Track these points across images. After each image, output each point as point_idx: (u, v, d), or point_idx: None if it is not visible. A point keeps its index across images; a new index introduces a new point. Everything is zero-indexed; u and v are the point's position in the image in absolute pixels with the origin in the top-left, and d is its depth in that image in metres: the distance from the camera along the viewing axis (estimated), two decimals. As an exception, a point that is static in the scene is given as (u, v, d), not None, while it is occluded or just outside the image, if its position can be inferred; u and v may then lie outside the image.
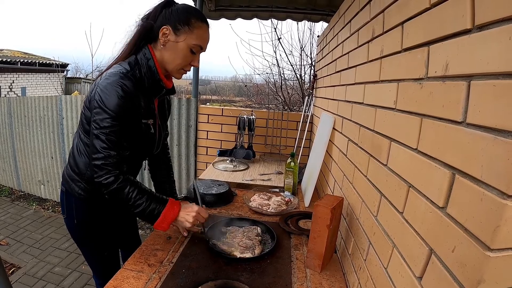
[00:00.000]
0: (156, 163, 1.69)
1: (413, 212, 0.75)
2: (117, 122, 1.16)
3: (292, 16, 3.41)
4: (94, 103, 1.16)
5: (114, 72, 1.19)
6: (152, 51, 1.27)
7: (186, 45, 1.25)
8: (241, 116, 2.99)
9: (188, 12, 1.26)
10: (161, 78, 1.30)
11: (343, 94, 1.63)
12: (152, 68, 1.27)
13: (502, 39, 0.49)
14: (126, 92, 1.17)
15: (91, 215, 1.44)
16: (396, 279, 0.80)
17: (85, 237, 1.48)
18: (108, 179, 1.18)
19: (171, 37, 1.24)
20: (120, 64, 1.24)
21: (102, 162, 1.17)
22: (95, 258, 1.55)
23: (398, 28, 0.91)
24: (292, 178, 2.07)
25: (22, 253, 3.30)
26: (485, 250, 0.49)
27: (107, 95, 1.14)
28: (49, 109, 4.33)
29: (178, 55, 1.27)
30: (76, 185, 1.37)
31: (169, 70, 1.32)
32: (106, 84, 1.16)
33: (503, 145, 0.47)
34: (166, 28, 1.23)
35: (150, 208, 1.25)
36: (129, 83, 1.18)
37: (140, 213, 1.25)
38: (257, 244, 1.40)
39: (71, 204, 1.41)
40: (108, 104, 1.14)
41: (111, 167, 1.18)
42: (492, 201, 0.49)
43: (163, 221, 1.28)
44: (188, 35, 1.24)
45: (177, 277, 1.19)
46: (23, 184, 5.05)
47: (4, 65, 10.98)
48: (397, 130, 0.89)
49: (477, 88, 0.55)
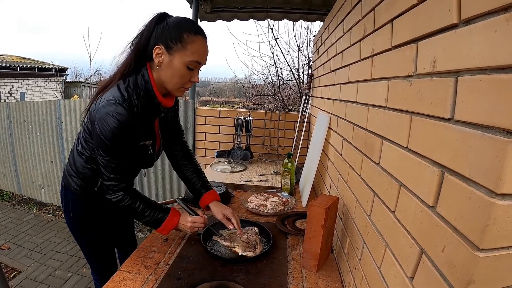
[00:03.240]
0: (178, 162, 1.68)
1: (404, 211, 0.74)
2: (115, 150, 1.22)
3: (288, 16, 3.40)
4: (95, 130, 1.19)
5: (112, 99, 1.17)
6: (150, 72, 1.23)
7: (181, 63, 1.18)
8: (238, 117, 2.98)
9: (179, 27, 1.18)
10: (160, 101, 1.28)
11: (338, 93, 1.63)
12: (151, 92, 1.24)
13: (487, 33, 0.48)
14: (121, 123, 1.16)
15: (85, 210, 1.50)
16: (389, 279, 0.79)
17: (80, 231, 1.54)
18: (118, 197, 1.28)
19: (165, 57, 1.18)
20: (119, 87, 1.21)
21: (109, 183, 1.27)
22: (90, 253, 1.61)
23: (388, 26, 0.90)
24: (289, 178, 2.07)
25: (23, 257, 3.30)
26: (474, 250, 0.48)
27: (104, 125, 1.15)
28: (48, 113, 4.33)
29: (175, 75, 1.20)
30: (72, 180, 1.43)
31: (169, 89, 1.27)
32: (103, 113, 1.15)
33: (491, 142, 0.46)
34: (158, 48, 1.17)
35: (154, 219, 1.35)
36: (125, 113, 1.16)
37: (145, 223, 1.36)
38: (258, 241, 1.43)
39: (68, 198, 1.48)
40: (106, 135, 1.16)
41: (117, 188, 1.28)
42: (480, 199, 0.48)
43: (164, 229, 1.38)
44: (182, 52, 1.17)
45: (173, 278, 1.19)
46: (24, 189, 5.05)
47: (3, 70, 11.01)
48: (388, 128, 0.88)
49: (464, 84, 0.54)
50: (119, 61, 1.27)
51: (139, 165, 1.47)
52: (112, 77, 1.27)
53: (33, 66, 12.25)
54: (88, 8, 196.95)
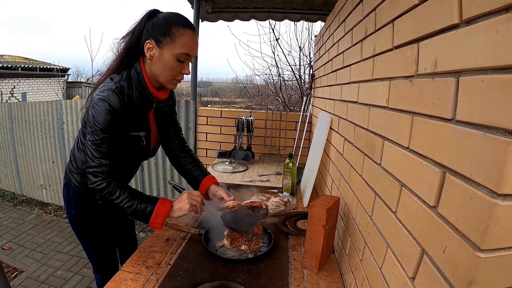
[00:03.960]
0: (177, 156, 1.69)
1: (405, 211, 0.74)
2: (106, 134, 1.23)
3: (289, 16, 3.40)
4: (89, 117, 1.24)
5: (105, 88, 1.24)
6: (143, 65, 1.30)
7: (171, 56, 1.24)
8: (240, 117, 2.99)
9: (168, 21, 1.24)
10: (151, 92, 1.33)
11: (339, 94, 1.63)
12: (142, 83, 1.30)
13: (489, 33, 0.48)
14: (113, 108, 1.21)
15: (86, 207, 1.52)
16: (390, 279, 0.79)
17: (81, 228, 1.57)
18: (101, 185, 1.24)
19: (155, 50, 1.24)
20: (112, 79, 1.28)
21: (94, 170, 1.24)
22: (92, 250, 1.62)
23: (389, 26, 0.90)
24: (291, 178, 2.06)
25: (24, 257, 3.31)
26: (475, 250, 0.48)
27: (97, 110, 1.21)
28: (50, 113, 4.34)
29: (166, 67, 1.26)
30: (73, 177, 1.47)
31: (161, 82, 1.33)
32: (97, 100, 1.22)
33: (492, 142, 0.46)
34: (149, 42, 1.24)
35: (141, 207, 1.28)
36: (116, 99, 1.22)
37: (133, 213, 1.28)
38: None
39: (69, 195, 1.51)
40: (98, 119, 1.21)
41: (103, 175, 1.24)
42: (482, 200, 0.48)
43: (157, 217, 1.29)
44: (171, 45, 1.23)
45: (174, 278, 1.19)
46: (25, 189, 5.06)
47: (5, 70, 11.03)
48: (390, 128, 0.88)
49: (466, 84, 0.54)
50: (110, 58, 1.34)
51: (133, 156, 1.46)
52: (107, 74, 1.33)
53: (35, 66, 12.26)
54: (89, 8, 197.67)
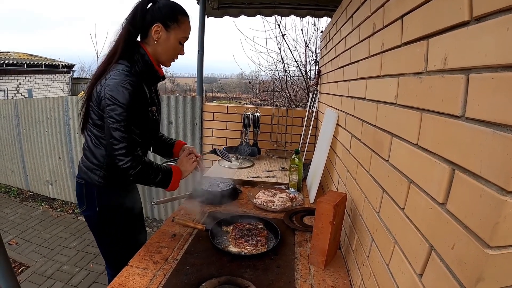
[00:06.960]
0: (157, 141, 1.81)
1: (414, 208, 0.74)
2: (130, 113, 1.32)
3: (295, 12, 3.39)
4: (106, 101, 1.31)
5: (119, 71, 1.34)
6: (145, 47, 1.44)
7: (175, 39, 1.45)
8: (246, 113, 2.98)
9: (174, 9, 1.43)
10: (157, 69, 1.49)
11: (346, 90, 1.62)
12: (148, 62, 1.44)
13: (499, 31, 0.48)
14: (134, 86, 1.32)
15: (112, 200, 1.54)
16: (398, 276, 0.80)
17: (107, 224, 1.55)
18: (133, 162, 1.35)
19: (163, 33, 1.41)
20: (121, 63, 1.38)
21: (125, 150, 1.33)
22: (114, 246, 1.60)
23: (398, 22, 0.90)
24: (297, 174, 2.07)
25: (31, 253, 3.35)
26: (484, 247, 0.48)
27: (118, 92, 1.29)
28: (56, 110, 4.37)
29: (170, 48, 1.46)
30: (95, 174, 1.48)
31: (161, 61, 1.50)
32: (114, 83, 1.30)
33: (502, 139, 0.46)
34: (157, 26, 1.39)
35: (164, 177, 1.47)
36: (134, 78, 1.34)
37: (158, 183, 1.46)
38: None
39: (92, 193, 1.51)
40: (120, 99, 1.29)
41: (134, 152, 1.36)
42: (491, 197, 0.48)
43: (175, 182, 1.51)
44: (177, 30, 1.43)
45: (181, 274, 1.20)
46: (31, 185, 5.12)
47: (11, 67, 11.11)
48: (398, 125, 0.88)
49: (476, 82, 0.54)
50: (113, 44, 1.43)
51: (150, 131, 1.57)
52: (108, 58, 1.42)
53: (40, 63, 12.35)
54: (94, 5, 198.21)
